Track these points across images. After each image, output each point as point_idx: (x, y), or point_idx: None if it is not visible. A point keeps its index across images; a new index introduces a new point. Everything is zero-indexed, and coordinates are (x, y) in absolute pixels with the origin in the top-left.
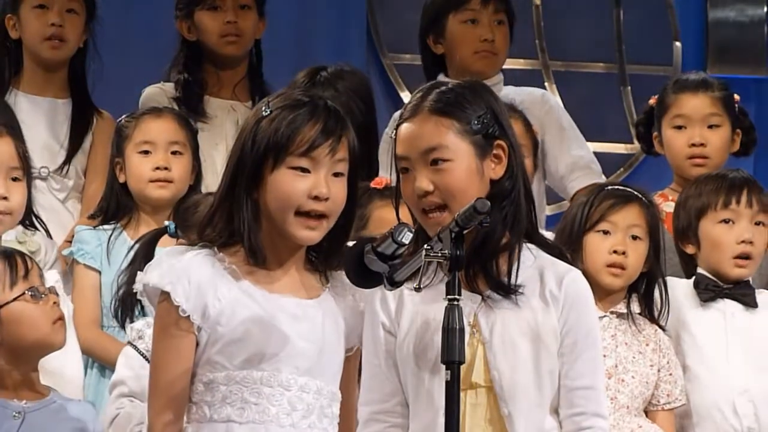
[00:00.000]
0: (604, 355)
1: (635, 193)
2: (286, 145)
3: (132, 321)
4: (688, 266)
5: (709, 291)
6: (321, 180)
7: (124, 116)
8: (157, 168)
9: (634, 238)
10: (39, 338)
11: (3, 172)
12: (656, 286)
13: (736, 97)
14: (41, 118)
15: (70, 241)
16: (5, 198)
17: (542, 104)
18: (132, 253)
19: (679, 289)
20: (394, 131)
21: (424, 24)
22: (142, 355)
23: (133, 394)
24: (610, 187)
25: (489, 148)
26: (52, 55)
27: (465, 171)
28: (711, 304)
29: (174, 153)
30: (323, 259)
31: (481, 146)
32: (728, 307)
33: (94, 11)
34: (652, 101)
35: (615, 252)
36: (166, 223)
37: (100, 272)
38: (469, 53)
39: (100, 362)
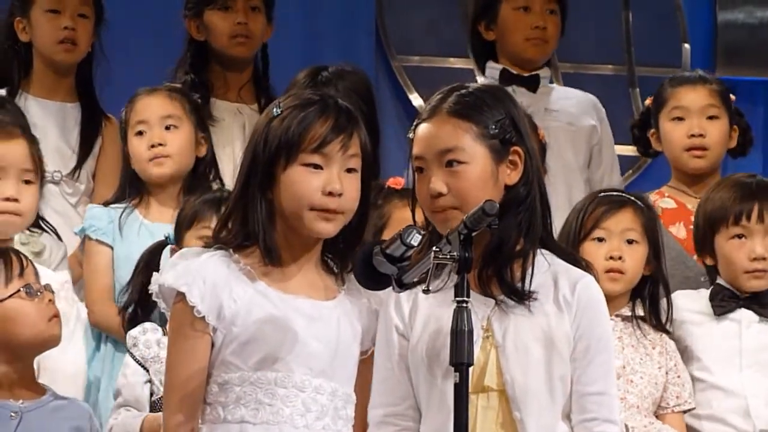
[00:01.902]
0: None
1: (629, 197)
2: (297, 142)
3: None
4: (711, 273)
5: (725, 303)
6: (334, 176)
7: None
8: (152, 146)
9: (630, 242)
10: (34, 335)
11: (15, 174)
12: (661, 290)
13: (732, 96)
14: (52, 122)
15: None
16: (16, 200)
17: (598, 112)
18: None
19: (694, 300)
20: (412, 131)
21: (475, 10)
22: (136, 361)
23: (127, 403)
24: (603, 194)
25: (505, 154)
26: (65, 58)
27: (479, 174)
28: (727, 315)
29: (168, 128)
30: (338, 261)
31: (497, 151)
32: (744, 316)
33: (102, 16)
34: (648, 102)
35: (611, 258)
36: (165, 234)
37: (112, 248)
38: (521, 40)
39: (112, 336)
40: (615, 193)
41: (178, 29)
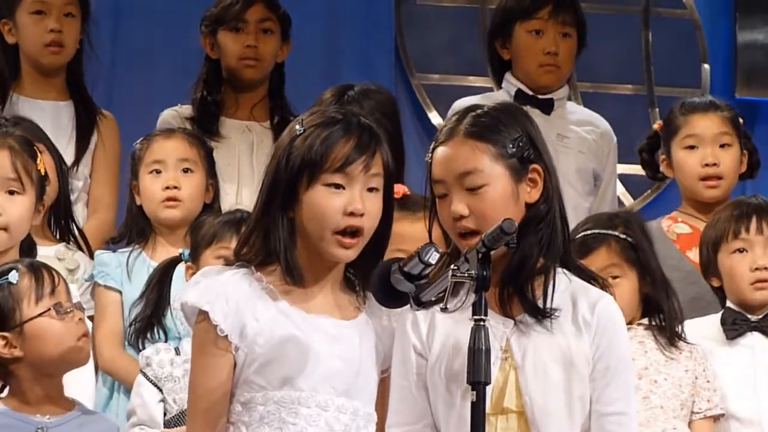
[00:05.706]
0: (633, 359)
1: (603, 233)
2: (320, 162)
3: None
4: (720, 296)
5: (736, 326)
6: (356, 196)
7: (138, 140)
8: (167, 187)
9: (614, 277)
10: (63, 354)
11: None
12: (671, 304)
13: (740, 120)
14: (46, 122)
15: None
16: None
17: (610, 139)
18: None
19: (704, 328)
20: (430, 154)
21: (492, 28)
22: (150, 381)
23: (142, 423)
24: (579, 236)
25: (524, 172)
26: (53, 61)
27: (500, 195)
28: (738, 340)
29: (185, 171)
30: (360, 278)
31: (516, 170)
32: (757, 342)
33: (89, 11)
34: (656, 126)
35: None
36: (180, 251)
37: (121, 292)
38: (534, 66)
39: (120, 382)
40: (591, 232)
41: (190, 43)
